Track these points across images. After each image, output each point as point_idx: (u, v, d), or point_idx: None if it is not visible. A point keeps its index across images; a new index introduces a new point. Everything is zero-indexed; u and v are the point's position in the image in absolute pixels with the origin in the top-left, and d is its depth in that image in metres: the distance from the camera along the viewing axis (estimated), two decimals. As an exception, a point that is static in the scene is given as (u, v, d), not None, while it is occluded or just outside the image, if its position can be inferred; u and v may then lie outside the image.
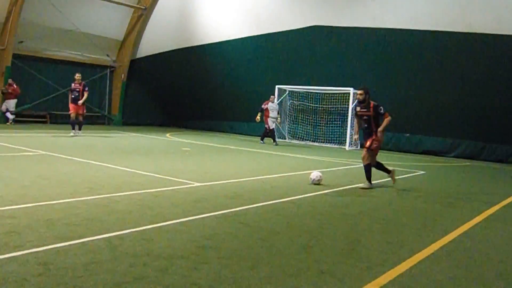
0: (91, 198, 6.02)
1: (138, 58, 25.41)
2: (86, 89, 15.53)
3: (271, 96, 17.96)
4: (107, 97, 25.15)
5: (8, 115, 19.80)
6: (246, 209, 5.98)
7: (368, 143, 8.36)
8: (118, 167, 8.87)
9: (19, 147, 11.24)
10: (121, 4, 23.43)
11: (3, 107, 19.88)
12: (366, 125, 8.46)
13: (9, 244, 3.96)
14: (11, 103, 19.97)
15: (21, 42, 20.62)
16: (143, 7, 24.12)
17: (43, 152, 10.47)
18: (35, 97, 21.40)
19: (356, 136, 9.17)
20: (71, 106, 15.40)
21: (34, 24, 20.81)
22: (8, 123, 19.56)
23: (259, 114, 17.33)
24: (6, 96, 19.94)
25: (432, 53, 16.31)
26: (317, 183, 8.25)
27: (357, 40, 17.89)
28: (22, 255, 3.73)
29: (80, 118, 15.73)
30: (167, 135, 19.36)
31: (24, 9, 19.96)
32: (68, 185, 6.82)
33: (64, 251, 3.89)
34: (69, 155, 10.22)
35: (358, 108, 8.62)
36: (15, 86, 19.94)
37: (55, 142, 13.44)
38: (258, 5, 20.62)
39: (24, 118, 20.96)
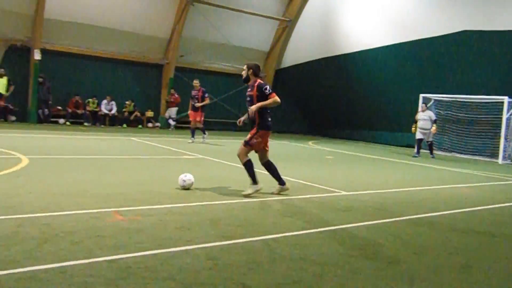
0: (247, 201, 6.33)
1: (282, 68, 26.18)
2: (206, 95, 15.18)
3: (421, 105, 16.97)
4: (253, 105, 26.26)
5: (170, 121, 21.85)
6: (396, 221, 5.80)
7: (248, 136, 6.75)
8: (266, 173, 9.19)
9: (180, 151, 12.28)
10: (268, 17, 24.38)
11: (166, 115, 21.99)
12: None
13: (182, 238, 4.35)
14: (173, 111, 21.99)
15: (182, 56, 22.56)
16: (288, 19, 24.81)
17: (201, 156, 11.31)
18: (191, 105, 23.19)
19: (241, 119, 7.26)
20: (190, 113, 15.34)
21: (193, 40, 22.62)
22: (170, 129, 21.55)
23: (414, 126, 16.41)
24: (169, 104, 22.02)
25: None
26: (187, 187, 6.72)
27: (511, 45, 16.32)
28: (193, 249, 4.07)
29: (198, 125, 15.19)
30: (310, 143, 19.59)
31: (185, 27, 21.83)
32: (224, 187, 7.27)
33: (228, 249, 4.16)
34: (222, 159, 10.89)
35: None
36: (176, 95, 21.91)
37: (209, 147, 14.40)
38: (402, 13, 19.91)
39: (183, 124, 22.85)
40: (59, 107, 20.01)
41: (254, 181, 6.68)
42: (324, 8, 24.08)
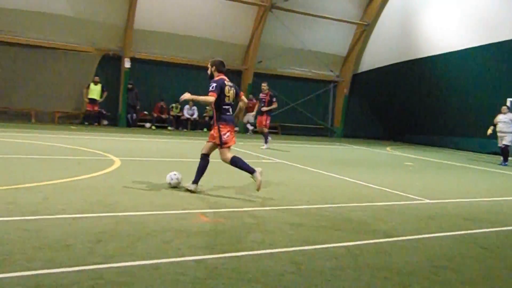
0: (326, 206, 6.29)
1: (360, 73, 25.70)
2: (274, 99, 14.58)
3: (503, 107, 15.83)
4: (330, 110, 26.05)
5: (248, 126, 22.21)
6: (485, 232, 5.48)
7: (217, 139, 6.51)
8: (345, 178, 9.08)
9: (259, 155, 12.44)
10: (345, 21, 24.07)
11: (245, 119, 22.35)
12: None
13: (265, 241, 4.40)
14: (251, 116, 22.27)
15: (260, 62, 22.86)
16: (366, 23, 24.34)
17: (279, 161, 11.38)
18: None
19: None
20: (258, 118, 14.94)
21: (270, 46, 22.85)
22: (248, 133, 21.91)
23: (490, 128, 15.25)
24: (247, 109, 22.35)
25: None
26: (175, 185, 6.67)
27: None
28: (276, 252, 4.10)
29: (265, 130, 14.59)
30: (387, 148, 19.04)
31: (263, 33, 22.12)
32: (303, 192, 7.26)
33: (311, 254, 4.15)
34: (301, 164, 10.88)
35: None
36: (254, 100, 22.18)
37: (287, 152, 14.44)
38: (487, 13, 18.85)
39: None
40: (146, 112, 21.02)
41: (252, 171, 6.38)
42: (403, 10, 23.36)
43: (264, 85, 14.74)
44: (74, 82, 19.29)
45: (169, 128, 21.17)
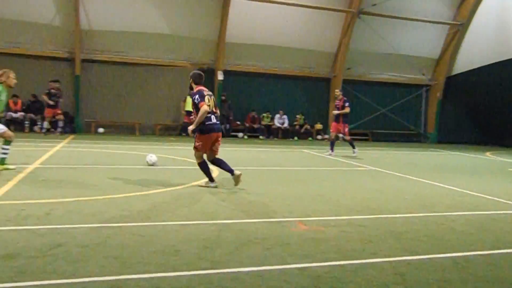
0: (427, 215, 6.02)
1: (454, 75, 24.35)
2: (347, 104, 13.76)
3: None
4: (422, 115, 24.95)
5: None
6: None
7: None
8: (444, 185, 8.63)
9: (351, 162, 12.24)
10: (437, 23, 22.98)
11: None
12: None
13: (366, 250, 4.32)
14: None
15: (349, 68, 22.53)
16: (459, 23, 23.05)
17: (373, 168, 11.10)
18: (359, 117, 22.92)
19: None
20: (332, 124, 14.34)
21: (359, 52, 22.44)
22: (338, 141, 21.59)
23: None
24: (335, 117, 22.13)
25: None
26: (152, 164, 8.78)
27: None
28: (379, 262, 4.01)
29: (347, 138, 13.99)
30: (487, 154, 17.79)
31: (351, 39, 21.80)
32: (402, 200, 7.02)
33: (415, 264, 4.00)
34: (395, 171, 10.52)
35: None
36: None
37: (381, 159, 14.06)
38: None
39: (350, 136, 22.69)
40: (238, 122, 21.57)
41: (210, 179, 7.26)
42: (500, 6, 21.80)
43: (337, 91, 14.50)
44: (172, 96, 20.35)
45: (260, 137, 21.53)
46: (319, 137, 22.66)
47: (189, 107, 19.81)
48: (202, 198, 6.48)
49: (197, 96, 6.95)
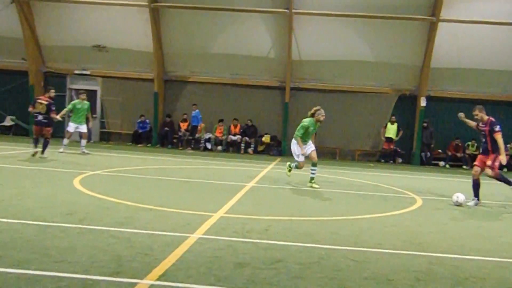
0: None
1: None
2: (497, 128, 8.56)
3: None
4: None
5: None
6: None
7: None
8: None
9: None
10: None
11: None
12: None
13: None
14: None
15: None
16: None
17: None
18: None
19: None
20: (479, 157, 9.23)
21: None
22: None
23: None
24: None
25: None
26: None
27: None
28: None
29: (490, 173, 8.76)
30: None
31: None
32: None
33: None
34: None
35: None
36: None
37: None
38: None
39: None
40: (440, 150, 20.19)
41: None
42: None
43: (477, 112, 9.16)
44: (373, 122, 20.16)
45: (464, 167, 19.71)
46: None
47: (389, 133, 19.46)
48: (410, 228, 6.27)
49: (499, 126, 8.22)
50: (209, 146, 20.28)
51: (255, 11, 18.97)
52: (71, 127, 14.22)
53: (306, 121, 9.83)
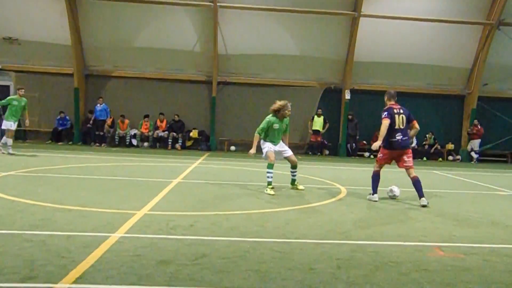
0: None
1: None
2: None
3: None
4: None
5: (473, 154, 20.32)
6: None
7: None
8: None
9: (492, 186, 11.24)
10: None
11: (469, 147, 20.57)
12: None
13: (515, 284, 3.95)
14: (476, 143, 20.41)
15: (486, 84, 20.79)
16: None
17: (516, 192, 10.09)
18: (497, 137, 20.96)
19: None
20: None
21: (497, 66, 20.61)
22: (472, 162, 20.04)
23: None
24: (471, 136, 20.54)
25: None
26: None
27: None
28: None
29: None
30: None
31: (490, 53, 20.14)
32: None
33: None
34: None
35: None
36: (479, 126, 20.28)
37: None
38: None
39: (486, 157, 20.93)
40: (364, 142, 21.08)
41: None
42: None
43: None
44: (300, 115, 20.60)
45: (388, 156, 20.75)
46: (450, 157, 21.13)
47: (316, 126, 20.01)
48: (334, 218, 6.47)
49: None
50: (134, 142, 19.75)
51: (179, 4, 18.66)
52: (7, 124, 13.41)
53: (268, 118, 9.00)
